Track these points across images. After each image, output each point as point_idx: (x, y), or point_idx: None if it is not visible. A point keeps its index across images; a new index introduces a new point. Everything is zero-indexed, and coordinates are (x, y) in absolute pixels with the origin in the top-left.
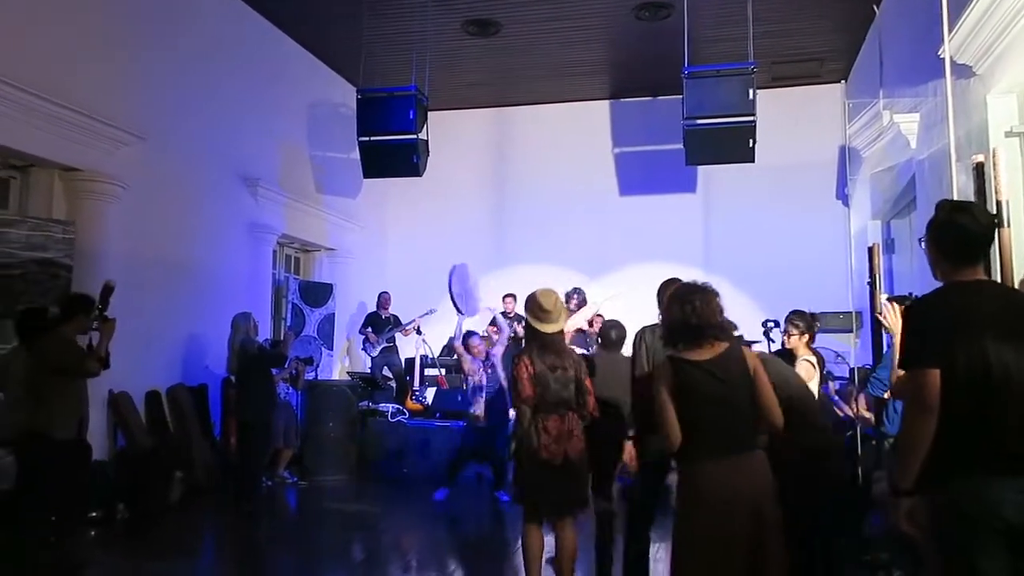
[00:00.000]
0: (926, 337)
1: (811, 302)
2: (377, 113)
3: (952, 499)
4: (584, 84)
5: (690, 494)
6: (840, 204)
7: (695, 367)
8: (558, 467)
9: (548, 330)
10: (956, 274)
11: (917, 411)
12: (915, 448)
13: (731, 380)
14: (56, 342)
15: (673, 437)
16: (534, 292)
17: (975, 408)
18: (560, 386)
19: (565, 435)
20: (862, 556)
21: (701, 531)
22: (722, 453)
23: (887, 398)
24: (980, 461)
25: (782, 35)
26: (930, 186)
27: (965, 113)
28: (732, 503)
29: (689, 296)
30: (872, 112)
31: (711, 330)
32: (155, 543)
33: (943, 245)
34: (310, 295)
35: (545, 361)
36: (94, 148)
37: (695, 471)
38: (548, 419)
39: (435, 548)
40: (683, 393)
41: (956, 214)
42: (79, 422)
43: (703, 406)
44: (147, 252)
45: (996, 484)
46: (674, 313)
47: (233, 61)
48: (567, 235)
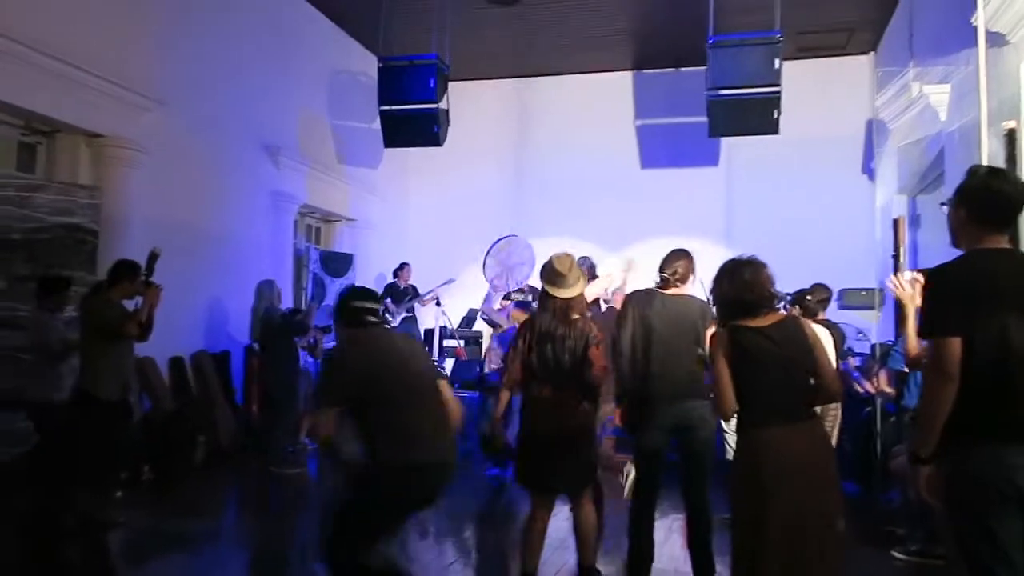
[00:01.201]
0: (948, 305)
1: (834, 277)
2: (398, 82)
3: (968, 466)
4: (607, 55)
5: (750, 459)
6: (866, 179)
7: (754, 332)
8: (549, 443)
9: (561, 295)
10: (981, 241)
11: (938, 379)
12: (935, 416)
13: (789, 346)
14: (100, 304)
15: (727, 405)
16: (550, 258)
17: (993, 377)
18: (554, 358)
19: (561, 409)
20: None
21: (762, 496)
22: (783, 419)
23: (907, 371)
24: (996, 429)
25: (810, 5)
26: (960, 158)
27: (997, 82)
28: (794, 468)
29: (739, 270)
30: (901, 83)
31: (765, 302)
32: (179, 504)
33: (977, 208)
34: (331, 265)
35: (542, 329)
36: (117, 114)
37: (756, 437)
38: (543, 390)
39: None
40: (741, 358)
41: (992, 178)
42: (123, 385)
43: (762, 371)
44: (170, 218)
45: (1012, 451)
46: (725, 289)
47: (254, 29)
48: (588, 207)
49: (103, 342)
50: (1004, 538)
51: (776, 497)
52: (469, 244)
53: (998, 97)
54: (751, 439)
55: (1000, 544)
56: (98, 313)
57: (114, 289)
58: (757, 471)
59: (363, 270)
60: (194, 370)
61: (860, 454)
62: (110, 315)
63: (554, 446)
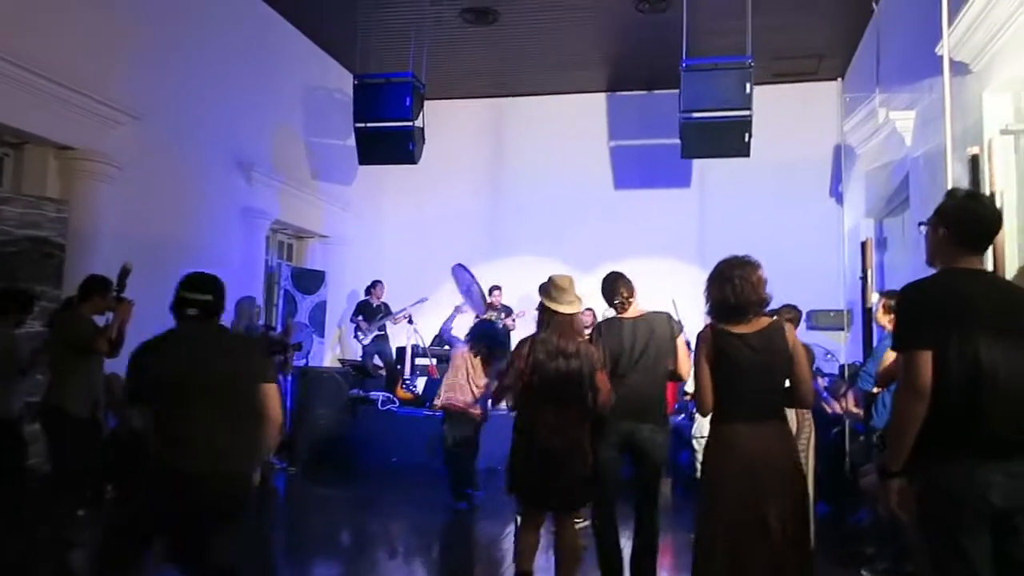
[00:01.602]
0: (920, 320)
1: (803, 299)
2: (373, 99)
3: (940, 482)
4: (581, 76)
5: (720, 450)
6: (834, 202)
7: (734, 337)
8: (546, 460)
9: (563, 310)
10: (957, 261)
11: (909, 393)
12: (906, 430)
13: (768, 353)
14: (70, 319)
15: (705, 402)
16: (549, 276)
17: (965, 393)
18: (560, 379)
19: (560, 429)
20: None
21: (730, 485)
22: (753, 418)
23: (876, 392)
24: (968, 445)
25: (781, 31)
26: (924, 183)
27: (961, 110)
28: (757, 464)
29: (729, 274)
30: (868, 109)
31: (752, 307)
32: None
33: (958, 230)
34: (302, 282)
35: (549, 347)
36: (88, 127)
37: (726, 429)
38: (545, 409)
39: (421, 536)
40: (720, 361)
41: (972, 201)
42: (94, 401)
43: (738, 375)
44: (140, 233)
45: (983, 467)
46: (715, 293)
47: (229, 44)
48: (561, 227)
49: (74, 358)
50: (974, 556)
51: (742, 483)
52: (443, 263)
53: (962, 124)
54: (721, 432)
55: (970, 561)
56: (69, 328)
57: (85, 304)
58: (723, 460)
59: (335, 287)
60: None
61: (830, 474)
62: (81, 331)
63: (554, 466)
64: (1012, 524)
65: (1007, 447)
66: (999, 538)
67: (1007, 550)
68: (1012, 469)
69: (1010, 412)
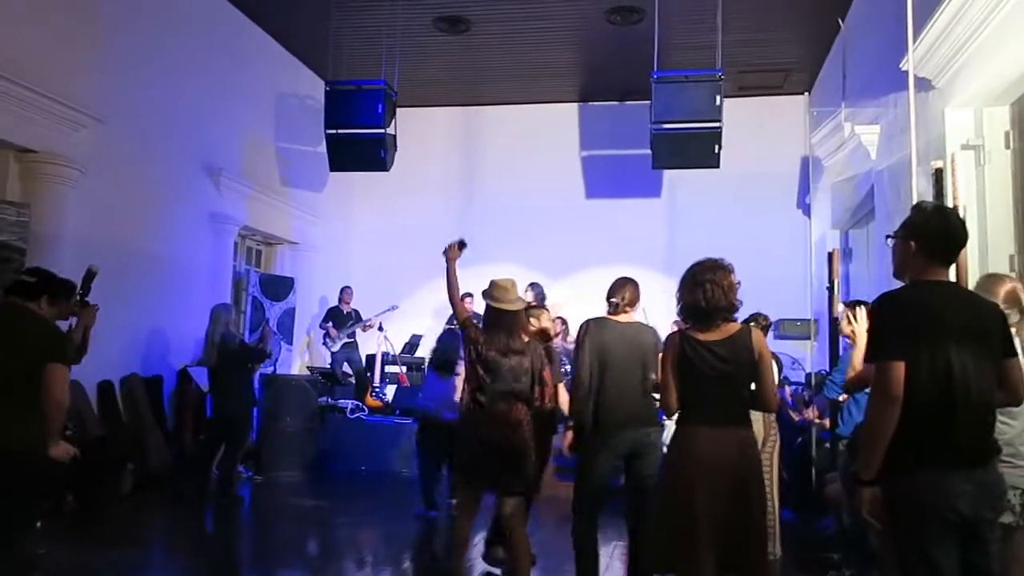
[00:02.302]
0: (894, 330)
1: (771, 308)
2: (345, 106)
3: (910, 491)
4: (553, 86)
5: (681, 450)
6: (801, 213)
7: (701, 346)
8: (492, 448)
9: (505, 307)
10: (926, 273)
11: (882, 402)
12: (878, 438)
13: (734, 361)
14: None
15: (670, 405)
16: (491, 280)
17: (936, 402)
18: (512, 376)
19: (511, 424)
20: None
21: (686, 485)
22: (715, 423)
23: (842, 400)
24: (938, 454)
25: (750, 45)
26: (889, 196)
27: (924, 125)
28: (717, 467)
29: (701, 278)
30: (834, 123)
31: (720, 313)
32: (104, 535)
33: (927, 242)
34: (271, 288)
35: (498, 344)
36: (51, 130)
37: (689, 431)
38: (495, 404)
39: (390, 545)
40: (686, 368)
41: (940, 214)
42: None
43: (703, 383)
44: (103, 239)
45: (952, 476)
46: (686, 296)
47: (199, 48)
48: (533, 236)
49: None
50: (943, 564)
51: (696, 490)
52: (413, 270)
53: (925, 138)
54: (683, 434)
55: (939, 570)
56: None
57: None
58: (683, 462)
59: (304, 294)
60: (124, 395)
61: (795, 482)
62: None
63: (497, 455)
64: (978, 533)
65: (975, 456)
66: (966, 546)
67: (972, 558)
68: (980, 478)
69: (978, 422)
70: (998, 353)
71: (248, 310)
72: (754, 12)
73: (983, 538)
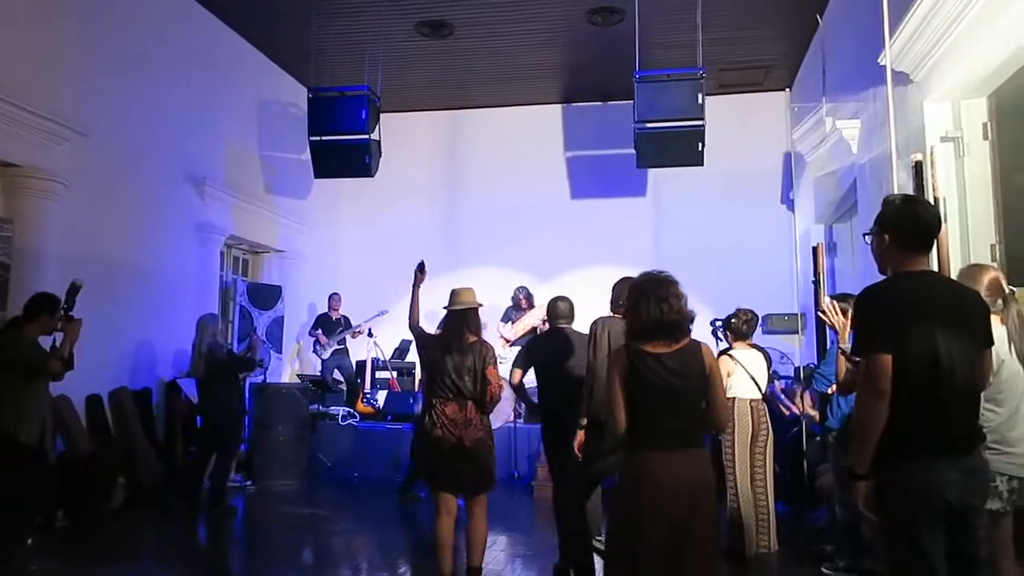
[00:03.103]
0: (879, 324)
1: (757, 304)
2: (328, 113)
3: (899, 480)
4: (536, 88)
5: (633, 480)
6: (785, 208)
7: (652, 359)
8: (450, 450)
9: (454, 308)
10: (906, 264)
11: (870, 395)
12: (868, 432)
13: (686, 375)
14: (17, 341)
15: (619, 424)
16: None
17: (924, 393)
18: (455, 374)
19: (463, 423)
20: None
21: (639, 516)
22: (670, 446)
23: (831, 393)
24: (926, 443)
25: (730, 43)
26: (871, 189)
27: (903, 119)
28: (674, 493)
29: (663, 293)
30: (815, 118)
31: (684, 327)
32: (96, 550)
33: (900, 233)
34: (258, 297)
35: (442, 344)
36: (33, 144)
37: (642, 459)
38: (446, 404)
39: (385, 552)
40: (637, 383)
41: (909, 204)
42: (42, 427)
43: (655, 398)
44: (89, 252)
45: (939, 465)
46: (646, 311)
47: (180, 58)
48: (519, 238)
49: (20, 381)
50: (933, 552)
51: (652, 520)
52: (401, 275)
53: (904, 132)
54: (635, 460)
55: (929, 558)
56: (15, 350)
57: (31, 324)
58: (637, 492)
59: (292, 302)
60: (113, 408)
61: (788, 475)
62: (30, 353)
63: (456, 457)
64: (965, 520)
65: (961, 445)
66: (952, 534)
67: (959, 545)
68: (966, 466)
69: (964, 410)
70: (980, 341)
71: (236, 320)
72: (733, 10)
73: (970, 524)
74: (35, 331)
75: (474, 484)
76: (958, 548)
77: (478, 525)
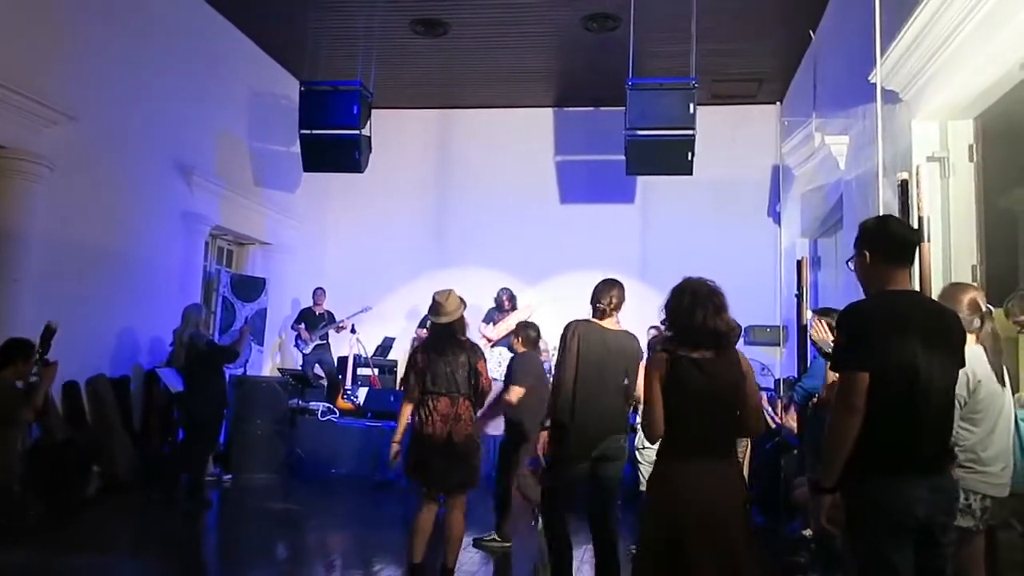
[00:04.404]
0: (858, 341)
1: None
2: (320, 106)
3: (871, 497)
4: (529, 91)
5: (665, 492)
6: (771, 221)
7: (692, 363)
8: (441, 446)
9: (440, 321)
10: (888, 282)
11: (843, 411)
12: (839, 447)
13: (723, 381)
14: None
15: (656, 430)
16: (433, 294)
17: (899, 410)
18: (450, 370)
19: (453, 417)
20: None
21: (671, 527)
22: (702, 455)
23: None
24: (899, 461)
25: (723, 55)
26: (857, 205)
27: (891, 137)
28: (710, 507)
29: (719, 302)
30: (805, 133)
31: (731, 338)
32: (69, 539)
33: (877, 247)
34: (242, 289)
35: (435, 348)
36: (20, 125)
37: (673, 469)
38: (438, 400)
39: (360, 548)
40: (675, 387)
41: (881, 221)
42: (11, 473)
43: (692, 402)
44: (72, 237)
45: (911, 483)
46: (701, 317)
47: (173, 45)
48: (506, 240)
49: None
50: (900, 566)
51: (685, 529)
52: (387, 272)
53: (892, 150)
54: (668, 470)
55: (896, 573)
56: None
57: (7, 370)
58: (669, 503)
59: (277, 295)
60: (90, 395)
61: (765, 486)
62: (1, 400)
63: (446, 452)
64: (932, 536)
65: (931, 463)
66: (920, 550)
67: (927, 562)
68: (936, 484)
69: (937, 430)
70: (958, 362)
71: (218, 311)
72: (728, 22)
73: (937, 541)
74: (9, 377)
75: (459, 480)
76: (925, 565)
77: (455, 524)
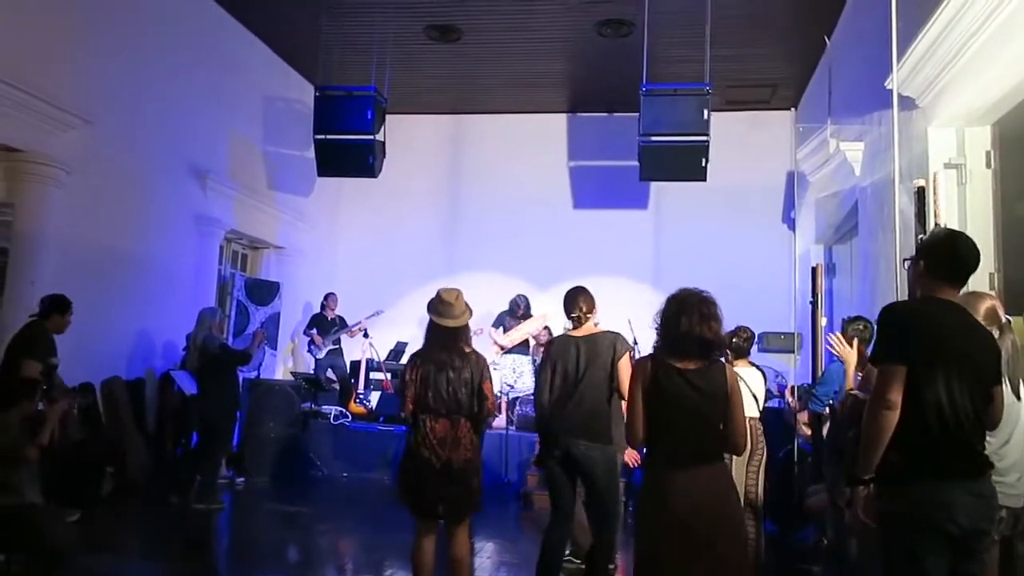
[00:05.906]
0: (898, 336)
1: (754, 321)
2: (334, 111)
3: (909, 500)
4: (543, 96)
5: (654, 501)
6: (786, 228)
7: (677, 374)
8: (436, 473)
9: (445, 324)
10: (934, 292)
11: (880, 404)
12: (876, 440)
13: (708, 393)
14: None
15: (636, 435)
16: (438, 291)
17: (936, 414)
18: (452, 388)
19: (451, 441)
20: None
21: (661, 537)
22: (689, 463)
23: (825, 414)
24: (939, 465)
25: (738, 60)
26: (872, 212)
27: (907, 144)
28: (695, 512)
29: (707, 311)
30: (820, 139)
31: (717, 348)
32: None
33: (934, 261)
34: (256, 293)
35: (435, 359)
36: (38, 129)
37: (660, 477)
38: (436, 421)
39: (371, 552)
40: (658, 396)
41: (951, 237)
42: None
43: (676, 413)
44: (88, 240)
45: (950, 487)
46: (687, 325)
47: (188, 50)
48: (519, 245)
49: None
50: (934, 572)
51: (675, 538)
52: (399, 276)
53: (908, 156)
54: (656, 478)
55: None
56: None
57: (13, 409)
58: (659, 511)
59: (290, 299)
60: (104, 397)
61: (777, 494)
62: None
63: (442, 480)
64: (970, 545)
65: (972, 468)
66: (956, 559)
67: (960, 568)
68: (976, 490)
69: (974, 434)
70: (992, 376)
71: (232, 314)
72: (743, 28)
73: (974, 550)
74: (15, 415)
75: (459, 508)
76: (960, 571)
77: (461, 552)
